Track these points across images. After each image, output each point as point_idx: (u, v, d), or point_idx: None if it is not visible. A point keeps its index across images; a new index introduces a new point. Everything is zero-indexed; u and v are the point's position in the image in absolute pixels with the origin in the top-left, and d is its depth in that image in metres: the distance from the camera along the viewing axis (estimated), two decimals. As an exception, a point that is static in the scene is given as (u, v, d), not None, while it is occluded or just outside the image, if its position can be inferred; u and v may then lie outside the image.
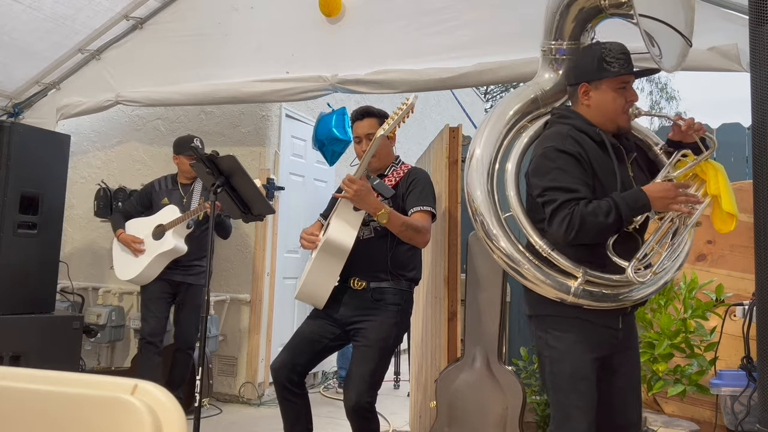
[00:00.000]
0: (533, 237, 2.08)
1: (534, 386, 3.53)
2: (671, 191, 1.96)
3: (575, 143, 2.02)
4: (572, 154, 1.99)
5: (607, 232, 1.95)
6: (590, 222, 1.91)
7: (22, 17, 4.21)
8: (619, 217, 1.91)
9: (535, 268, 2.05)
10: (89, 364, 5.00)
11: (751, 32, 1.46)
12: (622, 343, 2.11)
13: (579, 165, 1.99)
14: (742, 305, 2.55)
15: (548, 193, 1.99)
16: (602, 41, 2.20)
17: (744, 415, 2.53)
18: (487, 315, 2.98)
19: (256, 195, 3.04)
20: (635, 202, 1.94)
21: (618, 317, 2.08)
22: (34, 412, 0.91)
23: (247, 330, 4.86)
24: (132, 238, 4.11)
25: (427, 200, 2.72)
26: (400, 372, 5.52)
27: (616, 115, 2.09)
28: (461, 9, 3.64)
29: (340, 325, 2.78)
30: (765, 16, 1.41)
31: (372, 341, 2.68)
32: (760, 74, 1.43)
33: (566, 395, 2.04)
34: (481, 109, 13.00)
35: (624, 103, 2.08)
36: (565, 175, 1.98)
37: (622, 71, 2.05)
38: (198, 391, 2.77)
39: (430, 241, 3.54)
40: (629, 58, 2.09)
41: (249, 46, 4.25)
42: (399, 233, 2.61)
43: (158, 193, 4.24)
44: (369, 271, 2.73)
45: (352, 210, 2.65)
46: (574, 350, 2.03)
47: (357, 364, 2.68)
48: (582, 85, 2.12)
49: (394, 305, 2.72)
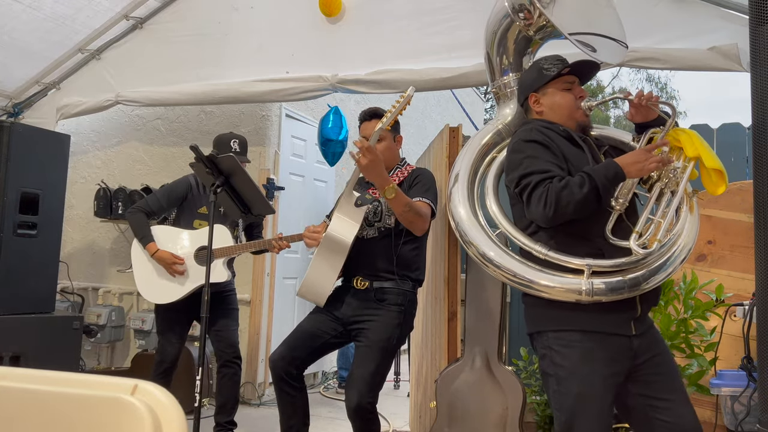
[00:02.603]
0: (527, 244, 2.02)
1: (534, 386, 3.53)
2: (642, 154, 1.93)
3: (541, 134, 2.03)
4: (539, 141, 2.01)
5: (586, 204, 1.87)
6: (566, 195, 1.86)
7: (22, 17, 4.21)
8: (594, 186, 1.85)
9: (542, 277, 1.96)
10: (89, 364, 5.00)
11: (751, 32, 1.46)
12: (643, 351, 1.94)
13: (548, 150, 1.99)
14: (742, 305, 2.55)
15: (522, 180, 1.97)
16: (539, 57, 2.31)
17: (744, 415, 2.53)
18: (487, 315, 2.98)
19: (256, 195, 3.04)
20: (607, 171, 1.89)
21: (629, 322, 1.92)
22: (34, 412, 0.91)
23: (247, 330, 4.86)
24: (173, 259, 3.41)
25: (429, 194, 2.74)
26: (400, 372, 5.52)
27: (570, 111, 2.12)
28: (461, 9, 3.64)
29: (342, 323, 2.77)
30: (765, 16, 1.41)
31: (373, 342, 2.67)
32: (760, 74, 1.43)
33: (574, 417, 1.88)
34: (481, 109, 13.00)
35: (574, 99, 2.12)
36: (536, 160, 1.97)
37: (562, 71, 2.12)
38: (198, 391, 2.76)
39: (430, 241, 3.54)
40: (566, 62, 2.16)
41: (249, 46, 4.25)
42: (401, 213, 2.58)
43: (195, 197, 3.58)
44: (372, 271, 2.72)
45: (354, 206, 2.66)
46: (581, 368, 1.88)
47: (358, 365, 2.68)
48: (531, 96, 2.18)
49: (397, 306, 2.71)
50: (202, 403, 2.85)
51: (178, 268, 3.41)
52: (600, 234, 1.94)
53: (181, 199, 3.58)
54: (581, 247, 1.94)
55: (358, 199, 2.68)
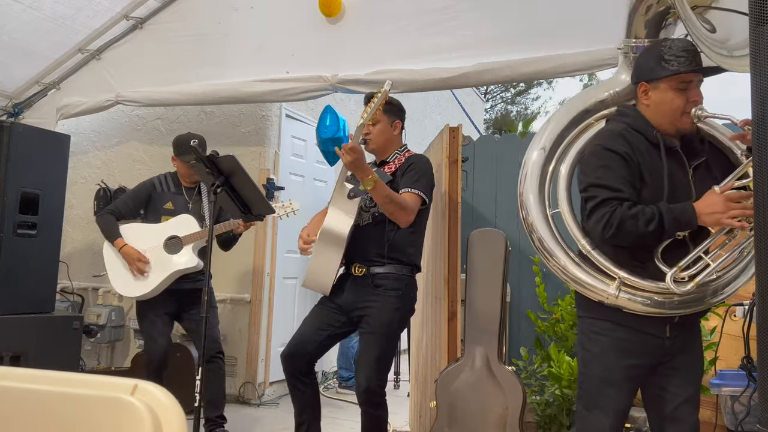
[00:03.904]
0: (576, 234, 2.08)
1: (534, 386, 3.53)
2: (719, 205, 1.83)
3: (625, 143, 1.96)
4: (620, 153, 1.94)
5: (645, 239, 1.90)
6: (629, 225, 1.87)
7: (22, 17, 4.21)
8: (661, 227, 1.85)
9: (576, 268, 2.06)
10: (89, 364, 5.00)
11: (751, 32, 1.46)
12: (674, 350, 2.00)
13: (626, 165, 1.94)
14: (742, 305, 2.55)
15: (591, 189, 1.96)
16: (667, 38, 2.11)
17: (744, 415, 2.53)
18: (487, 315, 2.98)
19: (256, 195, 3.04)
20: (681, 215, 1.86)
21: (665, 326, 1.98)
22: (34, 412, 0.91)
23: (247, 330, 4.86)
24: (138, 256, 3.59)
25: (419, 184, 2.77)
26: (400, 372, 5.52)
27: (674, 116, 1.98)
28: (461, 9, 3.64)
29: (344, 312, 2.84)
30: (765, 16, 1.40)
31: (375, 327, 2.76)
32: (760, 74, 1.43)
33: (592, 399, 2.02)
34: (481, 109, 13.00)
35: (684, 104, 1.96)
36: (610, 173, 1.94)
37: (680, 69, 1.93)
38: (198, 391, 2.76)
39: (431, 241, 3.54)
40: (694, 56, 1.96)
41: (249, 46, 4.25)
42: (382, 204, 2.66)
43: (159, 194, 3.78)
44: (368, 257, 2.79)
45: (347, 199, 2.74)
46: (607, 354, 1.99)
47: (364, 351, 2.79)
48: (641, 85, 2.04)
49: (394, 291, 2.77)
50: (202, 403, 2.85)
51: (142, 267, 3.58)
52: (650, 250, 1.95)
53: (145, 199, 3.79)
54: (625, 256, 1.98)
55: (350, 191, 2.76)
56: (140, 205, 3.81)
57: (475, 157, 4.84)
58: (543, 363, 3.53)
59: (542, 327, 3.74)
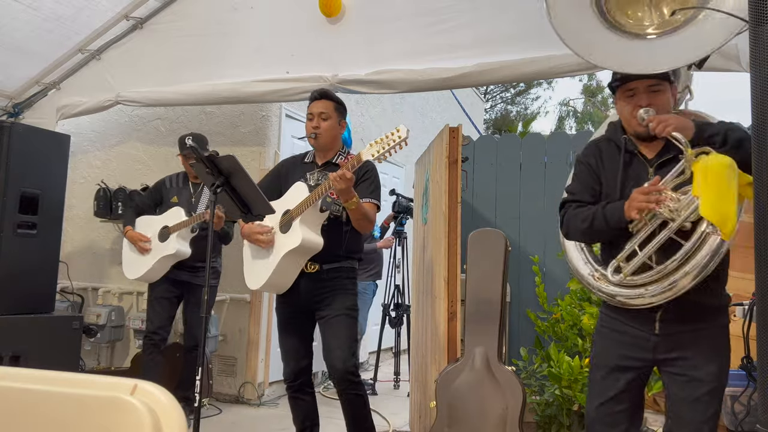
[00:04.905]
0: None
1: (534, 386, 3.53)
2: (633, 200, 1.96)
3: (596, 151, 2.18)
4: (584, 162, 2.20)
5: (589, 235, 2.13)
6: (573, 224, 2.13)
7: (22, 17, 4.21)
8: (592, 224, 2.05)
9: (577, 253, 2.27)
10: (89, 364, 5.00)
11: (751, 32, 1.46)
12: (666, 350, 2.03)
13: (589, 172, 2.18)
14: (742, 305, 2.54)
15: (564, 193, 2.25)
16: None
17: (744, 415, 2.53)
18: (487, 315, 2.98)
19: (256, 195, 3.04)
20: (612, 212, 2.03)
21: (653, 322, 2.04)
22: (34, 412, 0.91)
23: (247, 330, 4.86)
24: (138, 236, 4.04)
25: (375, 193, 2.99)
26: (400, 372, 5.52)
27: (629, 122, 2.10)
28: (461, 9, 3.64)
29: (304, 309, 2.99)
30: (765, 16, 1.40)
31: (339, 309, 2.90)
32: (760, 74, 1.43)
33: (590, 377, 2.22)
34: (481, 109, 13.01)
35: (631, 110, 2.07)
36: (575, 181, 2.22)
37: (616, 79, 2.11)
38: (198, 391, 2.76)
39: (430, 241, 3.54)
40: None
41: (249, 46, 4.25)
42: (356, 219, 2.86)
43: (168, 190, 4.19)
44: (323, 255, 2.91)
45: (319, 212, 2.89)
46: (602, 339, 2.18)
47: (332, 336, 2.89)
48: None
49: (349, 279, 2.99)
50: (202, 403, 2.86)
51: (144, 245, 4.01)
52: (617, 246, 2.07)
53: (158, 195, 4.23)
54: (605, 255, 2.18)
55: (322, 204, 2.90)
56: (155, 200, 4.23)
57: (475, 157, 4.84)
58: (543, 363, 3.53)
59: (542, 327, 3.75)
